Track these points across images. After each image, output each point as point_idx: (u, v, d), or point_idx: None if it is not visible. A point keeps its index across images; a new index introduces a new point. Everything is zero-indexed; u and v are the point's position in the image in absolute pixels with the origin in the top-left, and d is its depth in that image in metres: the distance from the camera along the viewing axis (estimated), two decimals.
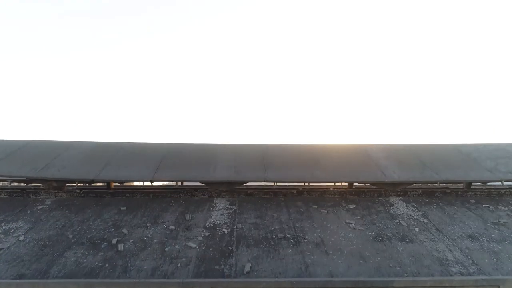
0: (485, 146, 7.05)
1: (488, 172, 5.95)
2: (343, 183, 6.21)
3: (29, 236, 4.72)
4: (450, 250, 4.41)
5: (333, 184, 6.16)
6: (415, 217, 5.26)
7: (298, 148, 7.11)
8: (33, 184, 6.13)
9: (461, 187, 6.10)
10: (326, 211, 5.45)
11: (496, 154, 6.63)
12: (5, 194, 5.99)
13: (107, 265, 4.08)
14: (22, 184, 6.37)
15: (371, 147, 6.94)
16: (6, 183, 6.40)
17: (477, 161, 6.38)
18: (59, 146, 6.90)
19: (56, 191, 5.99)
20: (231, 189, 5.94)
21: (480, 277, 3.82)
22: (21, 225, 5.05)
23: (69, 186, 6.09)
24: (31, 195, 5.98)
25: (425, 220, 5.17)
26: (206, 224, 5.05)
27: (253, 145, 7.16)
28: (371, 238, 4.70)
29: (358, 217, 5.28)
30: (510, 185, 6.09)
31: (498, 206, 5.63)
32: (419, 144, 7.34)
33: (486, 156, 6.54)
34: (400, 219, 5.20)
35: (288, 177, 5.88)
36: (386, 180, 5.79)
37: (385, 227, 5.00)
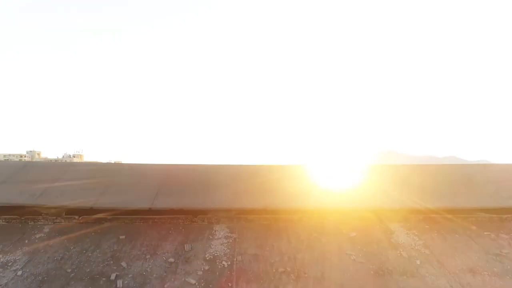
0: (485, 167, 7.01)
1: (490, 198, 5.91)
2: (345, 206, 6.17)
3: (27, 271, 4.68)
4: (452, 286, 4.37)
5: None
6: (416, 247, 5.22)
7: (296, 168, 7.09)
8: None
9: (461, 211, 6.05)
10: (326, 240, 5.41)
11: (497, 177, 6.59)
12: (4, 220, 5.95)
13: None
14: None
15: (374, 168, 6.90)
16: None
17: (479, 185, 6.34)
18: (57, 168, 6.85)
19: (54, 218, 5.95)
20: (231, 215, 5.91)
21: None
22: (19, 257, 5.01)
23: (68, 212, 6.04)
24: (29, 221, 5.94)
25: (427, 251, 5.13)
26: (206, 256, 5.02)
27: (253, 166, 7.13)
28: (372, 272, 4.66)
29: (359, 247, 5.24)
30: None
31: (500, 234, 5.59)
32: (420, 165, 7.31)
33: (487, 179, 6.50)
34: (401, 250, 5.16)
35: (288, 203, 5.84)
36: (387, 207, 5.75)
37: (386, 258, 4.97)
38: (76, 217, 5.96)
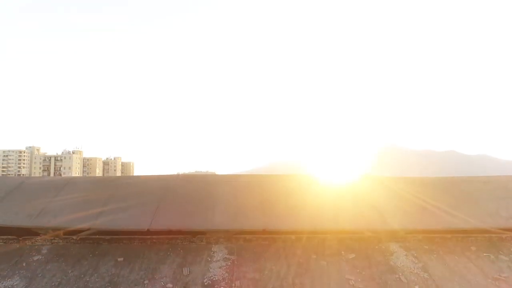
0: (485, 184, 6.96)
1: (490, 218, 5.88)
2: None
3: None
4: None
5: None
6: (415, 271, 5.21)
7: (296, 179, 7.07)
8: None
9: (461, 231, 6.03)
10: (325, 263, 5.40)
11: (497, 194, 6.55)
12: (1, 241, 5.92)
13: None
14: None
15: (368, 185, 6.86)
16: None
17: (479, 203, 6.31)
18: (55, 185, 6.81)
19: (52, 238, 5.92)
20: (230, 235, 5.88)
21: None
22: (17, 282, 4.99)
23: (66, 232, 6.01)
24: (27, 241, 5.91)
25: (425, 275, 5.12)
26: (204, 281, 5.00)
27: (252, 177, 7.09)
28: None
29: (358, 270, 5.22)
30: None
31: (499, 255, 5.58)
32: (419, 178, 7.27)
33: (487, 197, 6.47)
34: (400, 274, 5.14)
35: (287, 225, 5.80)
36: (386, 228, 5.72)
37: (385, 283, 4.96)
38: (74, 237, 5.93)
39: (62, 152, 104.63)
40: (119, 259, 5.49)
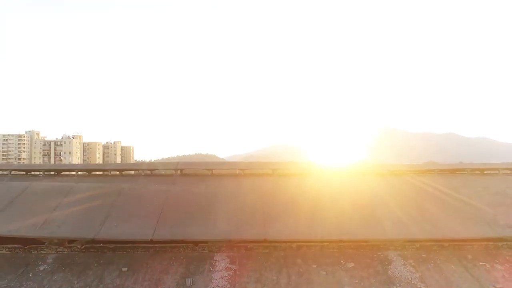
0: (484, 189, 7.03)
1: (488, 228, 5.98)
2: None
3: None
4: None
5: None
6: (412, 281, 5.34)
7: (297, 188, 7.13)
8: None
9: (459, 240, 6.14)
10: (325, 273, 5.52)
11: (496, 200, 6.64)
12: (7, 250, 6.04)
13: None
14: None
15: (369, 188, 6.93)
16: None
17: (477, 209, 6.39)
18: (58, 191, 6.88)
19: (57, 247, 6.03)
20: (231, 244, 5.99)
21: None
22: None
23: (71, 241, 6.11)
24: (32, 250, 6.02)
25: (422, 286, 5.25)
26: None
27: (253, 183, 7.15)
28: None
29: (357, 281, 5.36)
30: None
31: (494, 264, 5.71)
32: (417, 184, 7.33)
33: (486, 203, 6.55)
34: (398, 285, 5.28)
35: (287, 235, 5.91)
36: (385, 238, 5.84)
37: None
38: (79, 246, 6.04)
39: (62, 137, 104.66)
40: (123, 269, 5.61)
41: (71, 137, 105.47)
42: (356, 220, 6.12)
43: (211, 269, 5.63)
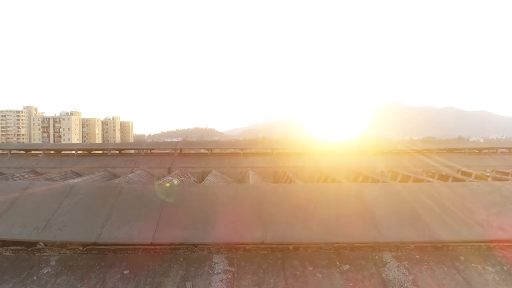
0: (479, 186, 7.10)
1: (481, 229, 6.10)
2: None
3: None
4: None
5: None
6: (405, 285, 5.51)
7: (292, 192, 7.21)
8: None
9: (453, 242, 6.27)
10: (321, 275, 5.69)
11: (490, 200, 6.72)
12: (11, 251, 6.18)
13: None
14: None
15: (367, 192, 7.00)
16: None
17: (471, 210, 6.49)
18: (59, 192, 6.95)
19: (60, 249, 6.17)
20: (230, 246, 6.14)
21: None
22: None
23: (73, 243, 6.24)
24: (35, 252, 6.17)
25: None
26: None
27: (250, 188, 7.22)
28: None
29: (351, 284, 5.53)
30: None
31: (486, 266, 5.87)
32: (415, 186, 7.40)
33: (480, 203, 6.64)
34: None
35: (286, 237, 6.03)
36: (380, 240, 5.96)
37: None
38: (81, 248, 6.18)
39: (60, 113, 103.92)
40: (125, 272, 5.77)
41: (69, 114, 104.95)
42: (353, 223, 6.23)
43: (210, 271, 5.79)
